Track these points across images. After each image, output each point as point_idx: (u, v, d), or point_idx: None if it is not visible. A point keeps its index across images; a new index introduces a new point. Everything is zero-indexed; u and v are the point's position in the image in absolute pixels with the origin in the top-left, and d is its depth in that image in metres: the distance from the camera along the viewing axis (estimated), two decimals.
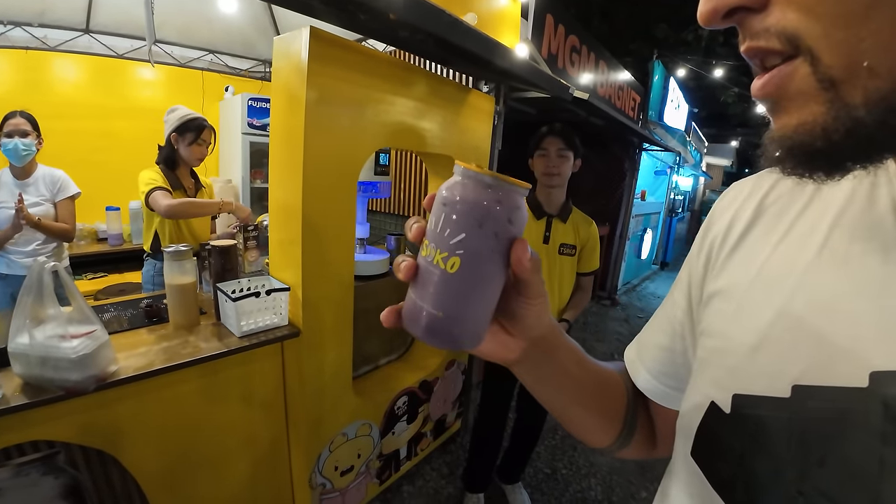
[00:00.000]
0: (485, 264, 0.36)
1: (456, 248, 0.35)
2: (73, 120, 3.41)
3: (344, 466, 1.92)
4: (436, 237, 0.36)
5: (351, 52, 1.48)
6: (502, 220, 0.35)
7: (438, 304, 0.36)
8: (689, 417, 0.43)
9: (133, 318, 1.66)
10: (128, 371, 1.26)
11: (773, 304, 0.38)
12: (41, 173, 2.28)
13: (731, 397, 0.38)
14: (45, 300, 1.18)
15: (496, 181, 0.35)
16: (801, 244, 0.39)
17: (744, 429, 0.37)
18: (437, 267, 0.35)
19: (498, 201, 0.35)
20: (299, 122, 1.39)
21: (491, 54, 1.65)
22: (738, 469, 0.37)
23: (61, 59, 3.38)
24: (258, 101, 3.67)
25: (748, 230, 0.45)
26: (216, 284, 1.54)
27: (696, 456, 0.42)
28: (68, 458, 1.24)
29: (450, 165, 2.12)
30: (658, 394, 0.56)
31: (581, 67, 3.61)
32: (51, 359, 1.14)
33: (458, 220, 0.35)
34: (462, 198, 0.35)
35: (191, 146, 2.26)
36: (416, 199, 3.32)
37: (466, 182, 0.36)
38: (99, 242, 3.41)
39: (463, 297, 0.36)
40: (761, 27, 0.29)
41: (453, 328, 0.37)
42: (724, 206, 0.50)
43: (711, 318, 0.45)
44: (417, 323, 0.38)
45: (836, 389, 0.32)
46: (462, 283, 0.36)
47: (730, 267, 0.45)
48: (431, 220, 0.37)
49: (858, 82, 0.25)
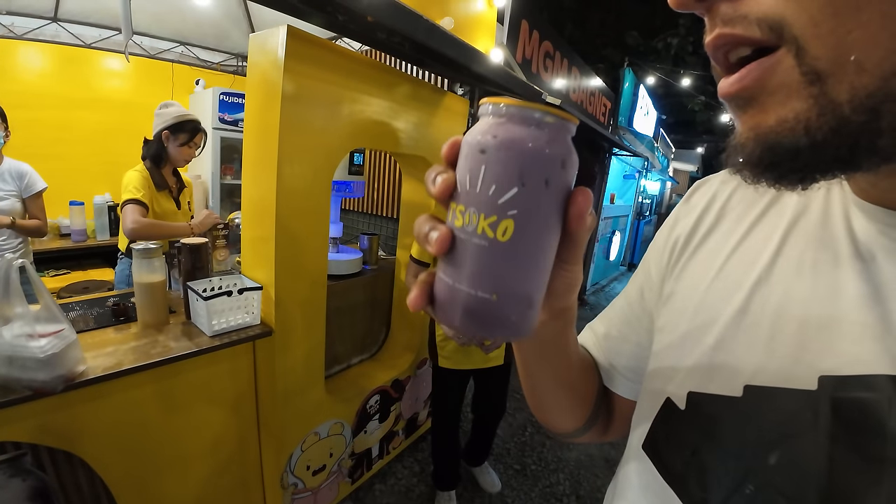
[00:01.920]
0: (543, 224, 0.28)
1: (507, 209, 0.27)
2: (37, 110, 3.30)
3: (316, 466, 1.93)
4: (476, 198, 0.28)
5: (327, 51, 1.49)
6: (556, 166, 0.28)
7: (491, 285, 0.28)
8: (644, 411, 0.44)
9: (99, 316, 1.62)
10: (96, 371, 1.23)
11: (729, 307, 0.39)
12: (7, 166, 2.20)
13: (686, 394, 0.40)
14: (13, 298, 1.15)
15: (546, 115, 0.28)
16: (758, 249, 0.40)
17: (698, 425, 0.38)
18: (483, 237, 0.28)
19: (550, 140, 0.28)
20: (274, 120, 1.39)
21: (466, 59, 1.68)
22: (691, 463, 0.38)
23: (27, 47, 3.27)
24: (230, 95, 3.61)
25: (710, 232, 0.46)
26: (187, 283, 1.52)
27: (648, 449, 0.43)
28: (35, 460, 1.21)
29: (424, 166, 2.16)
30: (620, 385, 0.56)
31: (554, 73, 3.68)
32: (18, 358, 1.11)
33: (506, 171, 0.27)
34: (506, 141, 0.27)
35: (181, 147, 2.20)
36: (390, 199, 3.32)
37: (510, 120, 0.28)
38: (62, 238, 3.29)
39: (522, 270, 0.29)
40: (737, 13, 0.26)
41: (512, 313, 0.29)
42: (689, 207, 0.50)
43: (670, 316, 0.46)
44: (461, 310, 0.29)
45: (787, 391, 0.33)
46: (519, 252, 0.28)
47: (691, 267, 0.46)
48: (464, 177, 0.28)
49: (845, 77, 0.23)
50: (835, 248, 0.35)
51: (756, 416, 0.35)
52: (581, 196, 0.29)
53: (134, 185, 2.06)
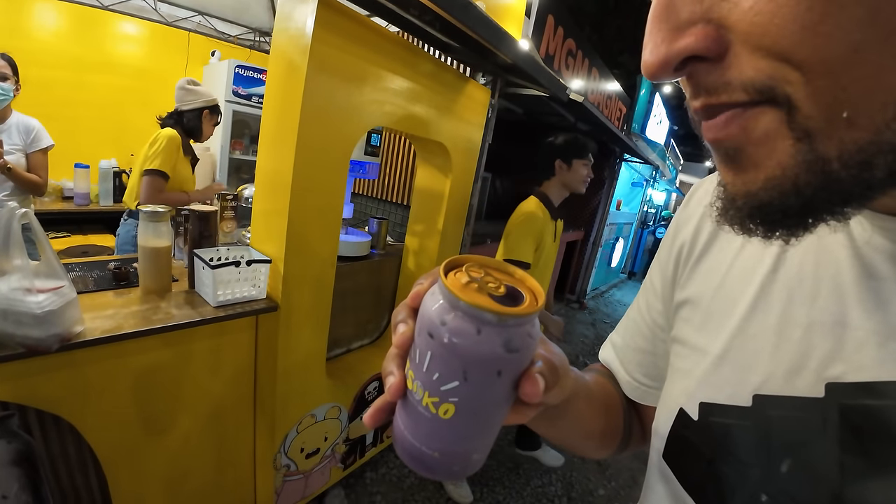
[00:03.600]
0: (486, 406, 0.29)
1: (449, 396, 0.28)
2: (50, 69, 3.26)
3: (310, 449, 1.89)
4: (422, 376, 0.28)
5: (358, 24, 1.44)
6: (508, 359, 0.28)
7: (433, 445, 0.30)
8: (662, 422, 0.44)
9: (99, 279, 1.57)
10: (94, 333, 1.19)
11: (734, 316, 0.40)
12: (15, 120, 2.18)
13: (698, 405, 0.40)
14: (12, 249, 1.10)
15: (502, 319, 0.27)
16: (758, 257, 0.40)
17: (711, 435, 0.38)
18: (426, 409, 0.29)
19: (505, 342, 0.27)
20: (297, 90, 1.34)
21: (498, 43, 1.63)
22: (707, 473, 0.38)
23: (44, 4, 3.21)
24: (246, 69, 3.55)
25: (713, 239, 0.46)
26: (193, 250, 1.48)
27: (668, 459, 0.43)
28: (23, 423, 1.17)
29: (440, 152, 2.11)
30: (642, 395, 0.57)
31: (575, 71, 3.63)
32: (12, 312, 1.07)
33: (449, 365, 0.27)
34: (452, 337, 0.27)
35: (213, 126, 2.44)
36: (402, 185, 3.27)
37: (460, 315, 0.27)
38: (64, 201, 3.25)
39: (458, 440, 0.30)
40: (720, 80, 0.25)
41: (454, 465, 0.31)
42: (689, 213, 0.50)
43: (681, 326, 0.47)
44: (408, 454, 0.32)
45: (795, 399, 0.33)
46: (457, 428, 0.29)
47: (696, 276, 0.46)
48: (414, 350, 0.29)
49: (835, 134, 0.22)
50: (836, 254, 0.34)
51: (766, 424, 0.35)
52: (527, 383, 0.29)
53: (162, 147, 2.17)
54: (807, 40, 0.21)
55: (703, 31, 0.24)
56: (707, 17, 0.24)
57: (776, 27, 0.22)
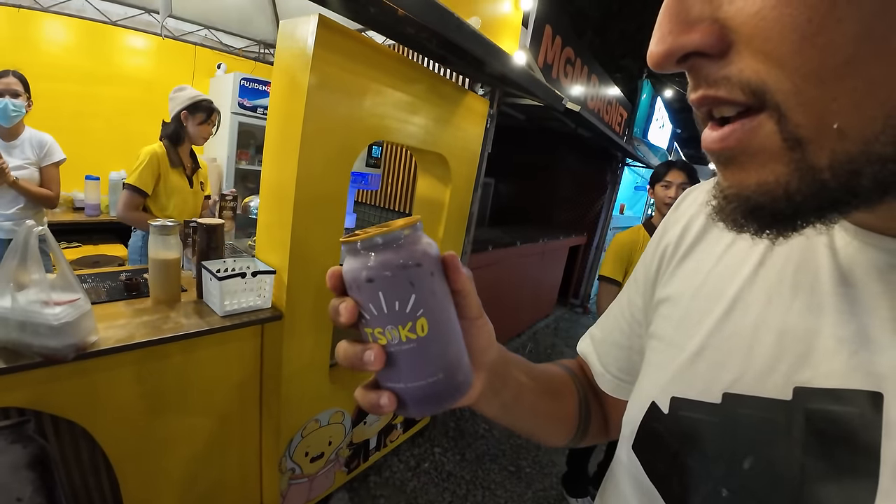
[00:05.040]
0: (441, 302, 0.34)
1: (416, 311, 0.32)
2: (58, 82, 3.32)
3: (314, 453, 1.94)
4: (388, 318, 0.32)
5: (356, 42, 1.50)
6: (428, 256, 0.33)
7: (433, 369, 0.34)
8: (633, 414, 0.46)
9: (111, 290, 1.64)
10: (108, 342, 1.25)
11: (712, 315, 0.41)
12: (28, 136, 2.23)
13: (669, 399, 0.41)
14: (30, 264, 1.16)
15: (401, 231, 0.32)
16: (741, 260, 0.41)
17: (679, 429, 0.40)
18: (409, 341, 0.32)
19: (414, 243, 0.33)
20: (299, 106, 1.40)
21: (492, 59, 1.68)
22: (673, 465, 0.39)
23: (52, 20, 3.28)
24: (251, 81, 3.62)
25: (698, 240, 0.47)
26: (201, 262, 1.54)
27: (637, 450, 0.44)
28: (38, 428, 1.22)
29: (440, 164, 2.17)
30: (615, 388, 0.59)
31: (574, 79, 3.68)
32: (31, 324, 1.12)
33: (399, 286, 0.32)
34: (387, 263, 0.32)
35: (200, 126, 2.33)
36: (403, 193, 3.33)
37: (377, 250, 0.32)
38: (75, 212, 3.32)
39: (447, 341, 0.34)
40: (720, 75, 0.26)
41: (456, 376, 0.35)
42: (678, 215, 0.51)
43: (659, 322, 0.48)
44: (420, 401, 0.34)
45: (763, 400, 0.34)
46: (439, 332, 0.33)
47: (679, 275, 0.47)
48: (367, 306, 0.32)
49: (826, 144, 0.23)
50: (816, 263, 0.35)
51: (733, 422, 0.36)
52: (448, 258, 0.34)
53: (140, 164, 2.18)
54: (804, 50, 0.22)
55: (708, 29, 0.25)
56: (714, 16, 0.25)
57: (777, 34, 0.23)
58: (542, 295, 5.30)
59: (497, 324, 1.97)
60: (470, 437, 2.89)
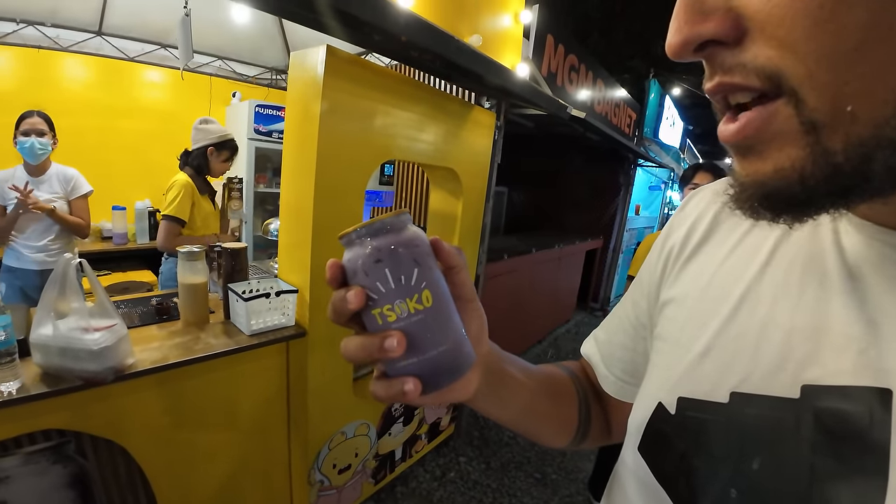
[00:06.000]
0: (439, 278, 0.37)
1: (420, 283, 0.35)
2: (81, 118, 3.43)
3: (342, 465, 1.99)
4: (396, 293, 0.35)
5: (363, 68, 1.57)
6: (418, 238, 0.37)
7: (441, 339, 0.36)
8: (639, 415, 0.45)
9: (144, 314, 1.72)
10: (144, 364, 1.32)
11: (719, 315, 0.41)
12: (55, 171, 2.33)
13: (676, 399, 0.41)
14: (69, 293, 1.25)
15: (396, 217, 0.37)
16: (747, 260, 0.41)
17: (686, 429, 0.40)
18: (418, 313, 0.35)
19: (408, 227, 0.37)
20: (313, 132, 1.47)
21: (494, 76, 1.74)
22: (680, 466, 0.39)
23: (72, 58, 3.42)
24: (265, 107, 3.75)
25: (703, 242, 0.47)
26: (227, 284, 1.61)
27: (643, 451, 0.44)
28: (78, 447, 1.29)
29: (451, 178, 2.23)
30: (618, 390, 0.59)
31: (579, 85, 3.72)
32: (71, 349, 1.20)
33: (403, 262, 0.35)
34: (389, 245, 0.35)
35: (224, 163, 2.45)
36: (417, 208, 3.39)
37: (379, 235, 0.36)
38: (103, 241, 3.47)
39: (449, 314, 0.37)
40: (735, 62, 0.27)
41: (462, 346, 0.38)
42: (683, 216, 0.51)
43: (664, 323, 0.48)
44: (436, 372, 0.37)
45: (771, 398, 0.34)
46: (441, 304, 0.36)
47: (684, 276, 0.47)
48: (374, 287, 0.35)
49: (840, 127, 0.24)
50: (823, 260, 0.36)
51: (741, 421, 0.36)
52: (434, 240, 0.37)
53: (178, 195, 2.25)
54: (816, 35, 0.23)
55: (723, 18, 0.26)
56: (728, 5, 0.26)
57: (790, 20, 0.24)
58: (561, 300, 5.29)
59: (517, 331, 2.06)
60: (494, 446, 2.91)
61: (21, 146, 2.17)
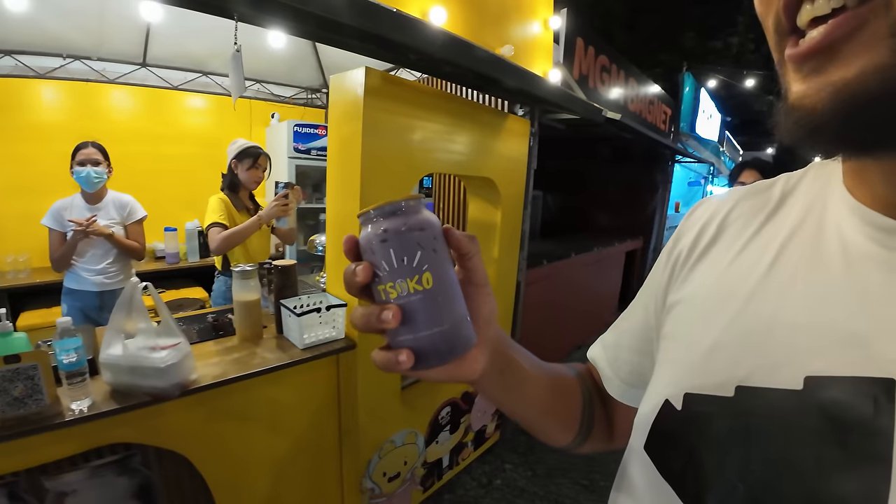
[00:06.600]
0: (444, 263, 0.38)
1: (422, 266, 0.37)
2: (130, 145, 3.57)
3: (391, 473, 2.03)
4: (398, 272, 0.37)
5: (400, 87, 1.62)
6: (427, 223, 0.38)
7: (439, 318, 0.38)
8: (645, 414, 0.46)
9: (201, 331, 1.81)
10: (206, 379, 1.40)
11: (726, 313, 0.41)
12: (111, 198, 2.45)
13: (683, 395, 0.41)
14: (136, 315, 1.33)
15: (407, 201, 0.38)
16: (755, 260, 0.42)
17: (693, 425, 0.40)
18: (416, 293, 0.37)
19: (419, 212, 0.39)
20: (356, 151, 1.53)
21: (527, 85, 1.76)
22: (688, 462, 0.39)
23: (119, 90, 3.60)
24: (303, 126, 3.87)
25: (711, 244, 0.48)
26: (280, 300, 1.68)
27: (650, 449, 0.44)
28: (143, 459, 1.36)
29: (488, 187, 2.25)
30: (622, 393, 0.59)
31: (611, 85, 3.69)
32: (140, 368, 1.28)
33: (406, 244, 0.37)
34: (396, 227, 0.37)
35: (248, 171, 2.43)
36: (455, 216, 3.42)
37: (389, 217, 0.38)
38: (157, 261, 3.64)
39: (450, 297, 0.38)
40: None
41: (461, 329, 0.39)
42: (692, 222, 0.52)
43: (673, 323, 0.48)
44: (431, 352, 0.38)
45: (775, 391, 0.35)
46: (442, 287, 0.38)
47: (693, 277, 0.48)
48: (380, 263, 0.37)
49: None
50: (827, 259, 0.36)
51: (747, 415, 0.36)
52: (446, 228, 0.39)
53: (214, 210, 2.31)
54: None
55: None
56: None
57: None
58: (602, 303, 5.22)
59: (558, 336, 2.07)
60: (540, 452, 2.89)
61: (77, 175, 2.28)
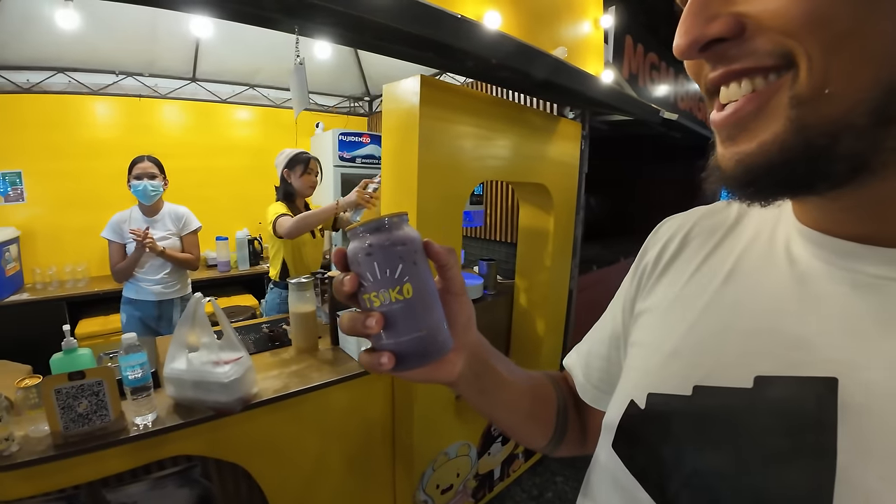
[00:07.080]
0: (423, 274, 0.41)
1: (403, 277, 0.40)
2: (181, 159, 3.62)
3: (444, 485, 1.99)
4: (380, 283, 0.40)
5: (454, 94, 1.59)
6: (408, 238, 0.41)
7: (416, 326, 0.41)
8: (613, 414, 0.48)
9: (257, 341, 1.83)
10: (267, 393, 1.40)
11: (686, 320, 0.44)
12: (167, 210, 2.52)
13: (646, 395, 0.44)
14: (199, 329, 1.35)
15: (390, 218, 0.41)
16: (712, 273, 0.45)
17: (654, 422, 0.43)
18: (398, 302, 0.40)
19: (401, 227, 0.42)
20: (412, 160, 1.50)
21: (583, 87, 1.70)
22: (652, 457, 0.42)
23: (171, 104, 3.74)
24: (347, 135, 3.91)
25: (674, 258, 0.51)
26: (335, 312, 1.68)
27: (617, 448, 0.46)
28: (203, 471, 1.38)
29: (540, 192, 2.20)
30: (594, 398, 0.62)
31: (661, 83, 3.57)
32: (204, 382, 1.29)
33: (389, 258, 0.40)
34: (381, 241, 0.40)
35: (302, 177, 2.44)
36: (505, 224, 3.36)
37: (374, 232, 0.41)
38: (209, 269, 3.73)
39: (428, 306, 0.42)
40: (744, 51, 0.30)
41: (437, 335, 0.42)
42: (657, 238, 0.56)
43: (639, 331, 0.52)
44: (410, 355, 0.42)
45: (728, 389, 0.37)
46: (421, 297, 0.41)
47: (657, 289, 0.51)
48: (365, 274, 0.41)
49: (818, 106, 0.27)
50: (777, 273, 0.40)
51: (702, 412, 0.39)
52: (427, 242, 0.43)
53: (276, 209, 2.32)
54: (807, 26, 0.27)
55: (726, 20, 0.30)
56: (729, 11, 0.30)
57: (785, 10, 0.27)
58: None
59: None
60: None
61: (134, 189, 2.34)
